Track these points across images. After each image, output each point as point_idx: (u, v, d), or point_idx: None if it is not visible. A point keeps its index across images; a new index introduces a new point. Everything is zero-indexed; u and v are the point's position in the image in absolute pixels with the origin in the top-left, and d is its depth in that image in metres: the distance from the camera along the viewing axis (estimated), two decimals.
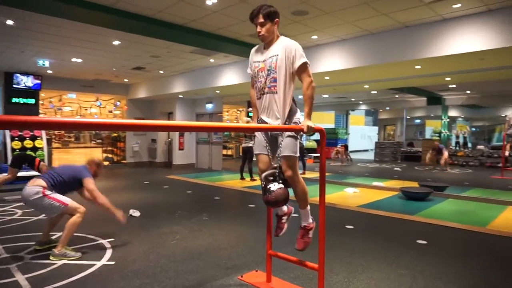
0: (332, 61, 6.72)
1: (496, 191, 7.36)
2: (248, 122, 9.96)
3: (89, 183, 3.64)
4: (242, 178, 9.03)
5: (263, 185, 2.50)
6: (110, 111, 12.81)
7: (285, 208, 2.80)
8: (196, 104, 12.34)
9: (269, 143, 2.67)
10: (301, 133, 2.50)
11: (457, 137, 19.92)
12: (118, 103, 13.38)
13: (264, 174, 2.55)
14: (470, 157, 13.40)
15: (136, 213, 5.23)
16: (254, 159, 3.81)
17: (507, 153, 9.59)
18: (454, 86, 11.33)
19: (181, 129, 2.01)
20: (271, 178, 2.53)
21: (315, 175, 9.87)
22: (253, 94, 2.75)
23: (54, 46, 6.96)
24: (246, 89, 10.10)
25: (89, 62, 8.37)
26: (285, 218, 2.83)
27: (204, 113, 12.07)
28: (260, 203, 6.17)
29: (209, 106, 11.84)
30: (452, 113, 17.31)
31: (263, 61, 2.57)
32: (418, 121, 23.46)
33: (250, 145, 8.81)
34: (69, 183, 3.63)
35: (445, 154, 11.36)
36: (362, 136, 22.51)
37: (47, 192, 3.42)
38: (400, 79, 7.83)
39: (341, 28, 5.80)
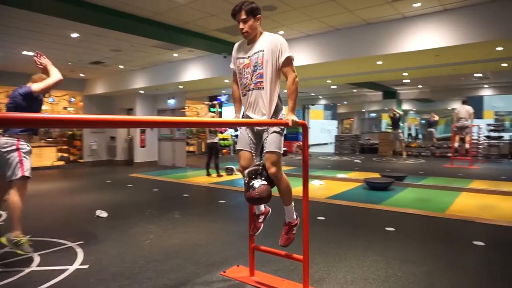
0: (298, 57, 6.83)
1: (448, 178, 7.90)
2: (213, 117, 9.89)
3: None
4: (208, 174, 8.95)
5: (245, 182, 2.48)
6: (65, 108, 12.10)
7: (262, 207, 2.82)
8: (157, 100, 12.02)
9: (253, 139, 2.67)
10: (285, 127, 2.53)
11: (409, 129, 21.13)
12: (72, 99, 12.68)
13: (247, 171, 2.54)
14: (423, 148, 14.24)
15: (103, 213, 5.01)
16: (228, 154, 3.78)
17: (456, 144, 10.29)
18: (408, 81, 11.94)
19: (165, 125, 1.96)
20: (254, 174, 2.53)
21: (284, 168, 10.01)
22: (236, 90, 2.74)
23: (2, 37, 6.44)
24: (210, 84, 10.07)
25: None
26: (262, 217, 2.86)
27: (166, 109, 11.79)
28: (230, 199, 6.18)
29: (171, 101, 11.58)
30: (405, 106, 18.28)
31: (248, 57, 2.54)
32: (373, 114, 24.58)
33: (215, 140, 8.75)
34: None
35: (402, 137, 11.98)
36: (321, 130, 23.16)
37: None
38: (362, 74, 8.14)
39: (307, 24, 5.91)
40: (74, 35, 6.26)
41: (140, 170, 10.41)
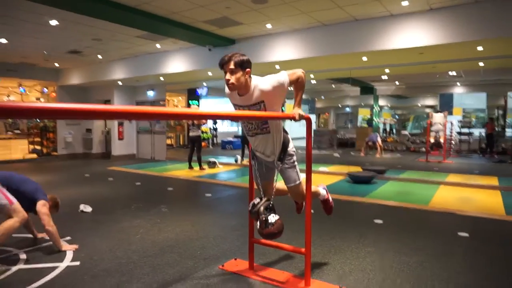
0: (284, 51, 6.83)
1: (425, 172, 8.19)
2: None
3: (44, 206, 3.32)
4: (191, 167, 8.85)
5: (262, 219, 2.46)
6: (38, 99, 11.58)
7: (320, 191, 3.05)
8: (136, 92, 11.71)
9: (265, 171, 2.69)
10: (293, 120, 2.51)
11: (384, 124, 21.69)
12: (45, 89, 12.16)
13: (260, 208, 2.52)
14: (398, 143, 14.67)
15: (87, 208, 4.86)
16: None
17: (432, 140, 10.66)
18: (386, 77, 12.22)
19: (171, 117, 1.90)
20: (268, 210, 2.52)
21: None
22: None
23: None
24: (193, 76, 9.92)
25: (16, 44, 7.45)
26: (330, 197, 3.16)
27: (145, 101, 11.51)
28: (216, 193, 6.14)
29: (151, 93, 11.32)
30: (381, 102, 18.74)
31: (247, 106, 2.42)
32: (349, 109, 25.05)
33: (198, 133, 8.65)
34: (21, 195, 3.24)
35: (379, 140, 12.25)
36: (300, 124, 23.29)
37: None
38: (345, 70, 8.25)
39: (296, 18, 5.91)
40: (53, 22, 5.97)
41: (118, 163, 10.14)
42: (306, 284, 2.62)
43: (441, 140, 10.58)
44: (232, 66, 2.30)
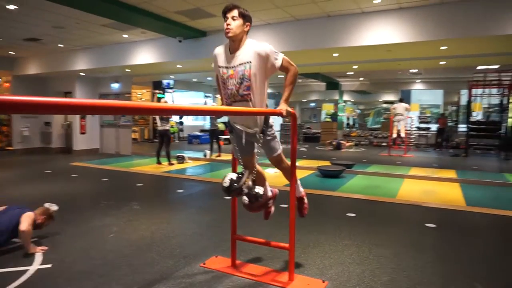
0: None
1: (389, 166, 8.53)
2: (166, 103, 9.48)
3: (28, 219, 3.14)
4: (159, 162, 8.62)
5: (253, 192, 2.44)
6: None
7: (269, 192, 2.84)
8: (99, 83, 11.20)
9: (240, 147, 2.64)
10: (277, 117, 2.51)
11: (348, 118, 22.33)
12: None
13: (248, 183, 2.50)
14: (362, 137, 15.16)
15: (53, 206, 4.51)
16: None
17: (395, 135, 11.10)
18: (352, 73, 12.54)
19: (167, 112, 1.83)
20: (254, 184, 2.53)
21: (230, 156, 10.01)
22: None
23: None
24: (161, 69, 9.64)
25: None
26: (271, 201, 2.94)
27: (110, 93, 11.05)
28: (188, 188, 6.04)
29: (115, 85, 10.88)
30: (345, 97, 19.24)
31: (232, 67, 2.40)
32: (313, 104, 25.52)
33: (167, 128, 8.44)
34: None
35: (344, 144, 12.62)
36: None
37: None
38: (315, 65, 8.36)
39: (270, 12, 5.89)
40: (11, 6, 5.53)
41: (81, 158, 9.68)
42: (289, 279, 2.64)
43: (402, 133, 11.02)
44: (235, 14, 2.33)
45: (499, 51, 6.48)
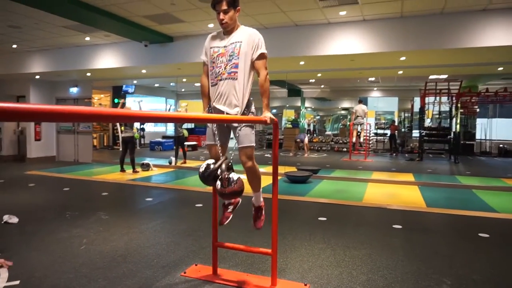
0: None
1: (352, 171, 8.87)
2: (129, 109, 9.19)
3: None
4: (123, 170, 8.35)
5: (225, 176, 2.39)
6: None
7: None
8: (56, 87, 10.64)
9: (221, 133, 2.63)
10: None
11: (308, 125, 22.90)
12: None
13: (223, 166, 2.44)
14: (323, 143, 15.60)
15: (13, 218, 4.30)
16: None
17: (354, 139, 11.56)
18: (313, 80, 12.91)
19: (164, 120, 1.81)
20: (228, 169, 2.49)
21: (197, 163, 9.92)
22: (205, 83, 2.66)
23: None
24: (124, 73, 9.38)
25: None
26: (231, 207, 2.86)
27: (67, 98, 10.54)
28: (157, 197, 5.90)
29: (74, 90, 10.40)
30: (306, 104, 19.76)
31: (224, 46, 2.51)
32: (274, 110, 25.91)
33: (131, 134, 8.21)
34: None
35: (306, 140, 12.92)
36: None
37: None
38: (280, 73, 8.52)
39: (239, 20, 5.93)
40: None
41: (37, 166, 9.12)
42: (272, 284, 2.68)
43: (361, 136, 11.48)
44: (225, 6, 2.41)
45: (448, 63, 7.01)
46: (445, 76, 10.76)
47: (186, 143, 13.09)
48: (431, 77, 10.71)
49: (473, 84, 12.48)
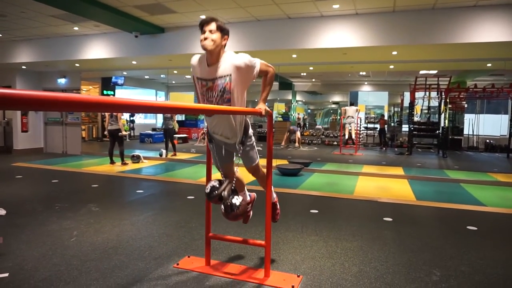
0: None
1: (343, 164, 8.94)
2: None
3: None
4: (112, 162, 8.28)
5: (227, 203, 2.46)
6: None
7: (248, 197, 2.87)
8: (44, 78, 10.44)
9: (219, 155, 2.67)
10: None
11: (299, 119, 22.96)
12: None
13: (224, 192, 2.49)
14: (314, 136, 15.67)
15: (0, 211, 4.23)
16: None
17: (346, 136, 11.66)
18: (304, 74, 12.91)
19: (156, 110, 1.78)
20: (231, 193, 2.55)
21: (187, 156, 9.88)
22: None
23: None
24: (113, 64, 9.23)
25: None
26: (249, 206, 2.98)
27: (55, 89, 10.34)
28: (148, 189, 5.86)
29: (62, 81, 10.21)
30: (297, 97, 19.78)
31: (211, 80, 2.38)
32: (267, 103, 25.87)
33: (117, 127, 8.09)
34: None
35: (298, 134, 12.98)
36: None
37: None
38: (275, 65, 8.45)
39: (232, 12, 5.90)
40: None
41: (24, 158, 8.97)
42: (265, 275, 2.70)
43: (353, 134, 11.63)
44: (213, 27, 2.30)
45: (438, 58, 7.08)
46: (434, 72, 10.88)
47: (176, 135, 13.05)
48: (421, 72, 10.81)
49: (462, 80, 12.64)
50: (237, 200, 2.47)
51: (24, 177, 6.63)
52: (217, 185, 2.52)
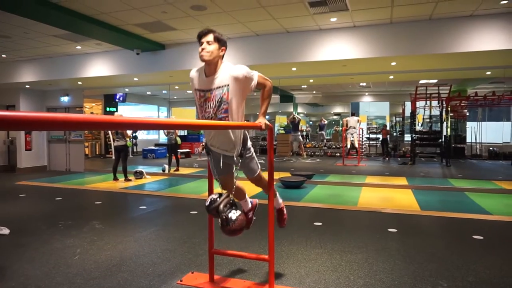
0: None
1: (346, 175, 8.90)
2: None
3: None
4: (116, 178, 8.29)
5: (223, 217, 2.41)
6: None
7: (249, 204, 2.86)
8: (46, 96, 10.57)
9: (216, 166, 2.67)
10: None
11: (302, 131, 22.96)
12: None
13: (220, 206, 2.45)
14: (316, 148, 15.66)
15: (4, 230, 4.23)
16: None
17: (349, 146, 11.66)
18: (305, 86, 12.99)
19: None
20: (228, 207, 2.49)
21: (190, 171, 9.89)
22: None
23: None
24: (115, 82, 9.34)
25: None
26: (251, 213, 2.99)
27: (58, 107, 10.45)
28: (151, 204, 5.85)
29: (65, 99, 10.33)
30: (298, 110, 19.85)
31: (209, 90, 2.42)
32: (267, 117, 25.97)
33: (123, 143, 8.15)
34: None
35: (301, 144, 12.98)
36: None
37: None
38: (275, 79, 8.53)
39: (231, 27, 5.99)
40: None
41: (28, 177, 9.00)
42: None
43: (356, 144, 11.64)
44: (210, 38, 2.34)
45: (438, 67, 7.11)
46: (435, 81, 10.92)
47: (179, 150, 13.07)
48: (421, 81, 10.85)
49: (463, 88, 12.67)
50: (233, 214, 2.39)
51: (28, 195, 6.65)
52: (217, 198, 2.51)
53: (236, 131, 2.49)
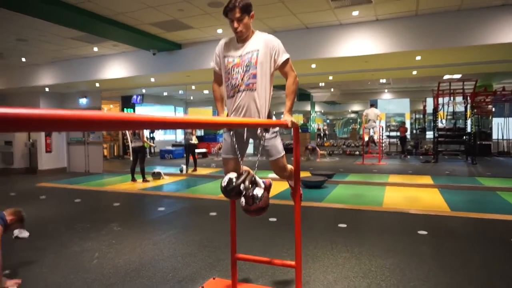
0: None
1: (367, 174, 8.63)
2: None
3: None
4: (134, 179, 8.26)
5: (249, 194, 2.24)
6: None
7: (262, 184, 2.66)
8: (66, 99, 10.67)
9: (240, 145, 2.48)
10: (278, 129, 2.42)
11: (319, 130, 22.69)
12: None
13: (245, 182, 2.28)
14: (335, 147, 15.36)
15: (23, 233, 4.19)
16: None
17: (366, 138, 11.35)
18: (323, 84, 12.73)
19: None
20: (252, 184, 2.33)
21: (208, 171, 9.80)
22: (217, 88, 2.53)
23: None
24: (132, 83, 9.32)
25: None
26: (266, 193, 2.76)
27: (78, 109, 10.49)
28: (170, 206, 5.76)
29: (83, 101, 10.40)
30: (316, 108, 19.57)
31: (239, 56, 2.33)
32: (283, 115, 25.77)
33: (141, 144, 8.11)
34: None
35: (318, 150, 12.71)
36: None
37: None
38: None
39: None
40: None
41: (48, 178, 9.08)
42: None
43: (375, 137, 11.27)
44: (238, 13, 2.24)
45: (463, 61, 6.77)
46: (459, 76, 10.50)
47: (196, 150, 13.03)
48: (445, 77, 10.45)
49: (488, 83, 12.17)
50: (259, 191, 2.23)
51: (48, 197, 6.67)
52: (234, 178, 2.32)
53: (262, 96, 2.35)
